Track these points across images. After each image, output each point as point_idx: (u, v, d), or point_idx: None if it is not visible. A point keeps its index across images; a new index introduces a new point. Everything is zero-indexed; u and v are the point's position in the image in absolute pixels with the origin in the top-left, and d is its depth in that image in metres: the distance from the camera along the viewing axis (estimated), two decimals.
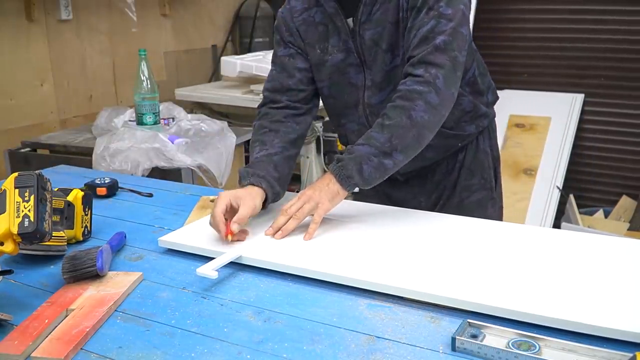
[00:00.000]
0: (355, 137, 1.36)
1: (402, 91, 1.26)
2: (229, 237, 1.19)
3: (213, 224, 1.21)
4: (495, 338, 0.86)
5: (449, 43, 1.25)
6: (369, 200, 1.55)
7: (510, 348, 0.83)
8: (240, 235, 1.22)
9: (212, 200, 1.52)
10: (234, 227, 1.19)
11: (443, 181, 1.53)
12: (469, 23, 1.32)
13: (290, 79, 1.45)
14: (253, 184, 1.30)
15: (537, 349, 0.83)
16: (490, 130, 1.56)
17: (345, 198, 1.31)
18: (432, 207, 1.52)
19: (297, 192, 1.36)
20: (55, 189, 1.25)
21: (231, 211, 1.23)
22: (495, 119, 1.60)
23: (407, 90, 1.25)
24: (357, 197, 1.67)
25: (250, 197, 1.26)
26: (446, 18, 1.26)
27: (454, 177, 1.53)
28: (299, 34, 1.43)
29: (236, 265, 1.14)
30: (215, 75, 3.75)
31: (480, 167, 1.53)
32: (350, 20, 1.36)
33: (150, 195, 1.61)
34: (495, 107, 1.59)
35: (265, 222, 1.29)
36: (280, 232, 1.22)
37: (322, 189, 1.25)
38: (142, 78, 2.27)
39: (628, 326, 0.86)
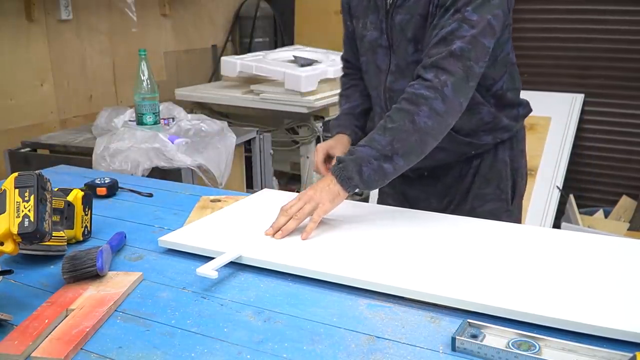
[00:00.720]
0: (378, 119, 1.46)
1: (409, 94, 1.25)
2: None
3: (318, 172, 1.48)
4: (495, 338, 0.86)
5: (466, 51, 1.22)
6: (387, 198, 1.58)
7: (510, 348, 0.83)
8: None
9: (212, 200, 1.52)
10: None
11: (455, 185, 1.50)
12: (494, 35, 1.27)
13: (352, 52, 1.58)
14: (340, 132, 1.54)
15: (537, 349, 0.83)
16: (514, 141, 1.51)
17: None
18: (443, 211, 1.46)
19: (298, 192, 1.36)
20: (55, 189, 1.25)
21: (328, 159, 1.47)
22: (525, 131, 1.57)
23: (414, 94, 1.24)
24: (379, 196, 1.69)
25: (340, 144, 1.50)
26: (469, 24, 1.23)
27: (467, 183, 1.49)
28: (349, 7, 1.50)
29: (236, 265, 1.14)
30: (215, 75, 3.75)
31: (497, 176, 1.48)
32: (389, 1, 1.36)
33: (150, 195, 1.61)
34: None
35: (265, 223, 1.29)
36: (280, 232, 1.22)
37: (323, 190, 1.25)
38: (142, 78, 2.27)
39: (628, 326, 0.86)
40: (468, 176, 1.49)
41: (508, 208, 1.50)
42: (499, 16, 1.26)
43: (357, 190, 1.28)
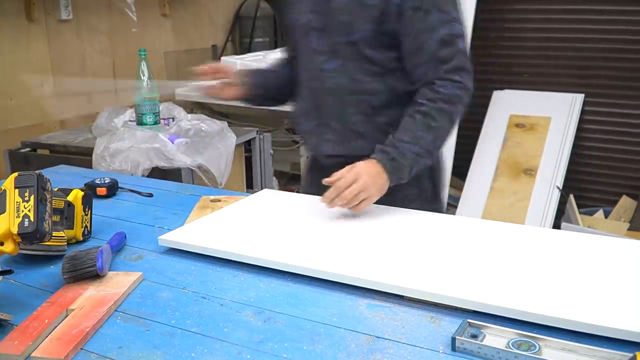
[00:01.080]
0: (303, 101, 1.57)
1: (443, 94, 1.35)
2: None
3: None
4: (495, 338, 0.86)
5: (466, 45, 1.38)
6: (309, 188, 1.61)
7: (510, 348, 0.83)
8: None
9: (212, 200, 1.52)
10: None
11: None
12: None
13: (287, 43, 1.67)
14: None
15: (537, 349, 0.83)
16: None
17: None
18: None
19: (298, 192, 1.36)
20: (55, 189, 1.25)
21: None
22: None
23: (450, 95, 1.35)
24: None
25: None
26: (457, 22, 1.36)
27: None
28: None
29: (236, 265, 1.14)
30: None
31: (415, 178, 1.45)
32: None
33: (150, 195, 1.61)
34: (495, 107, 1.60)
35: (265, 223, 1.29)
36: (330, 203, 1.29)
37: (375, 182, 1.30)
38: (142, 78, 2.27)
39: (628, 325, 0.86)
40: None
41: (433, 207, 1.52)
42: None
43: None
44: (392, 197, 1.47)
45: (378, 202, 1.46)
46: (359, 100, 1.46)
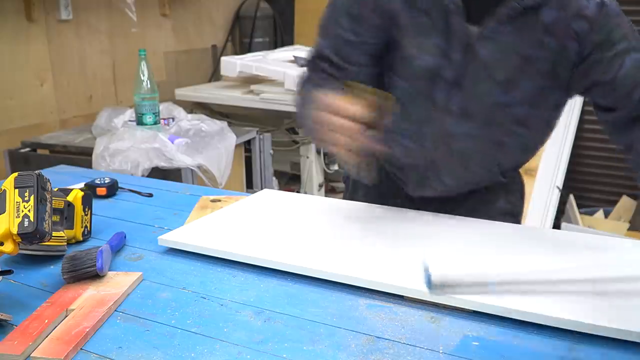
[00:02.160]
0: (403, 162, 1.27)
1: None
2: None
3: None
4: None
5: None
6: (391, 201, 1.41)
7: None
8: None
9: (212, 200, 1.52)
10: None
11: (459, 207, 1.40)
12: None
13: (351, 53, 1.21)
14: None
15: None
16: None
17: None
18: None
19: (298, 192, 1.36)
20: (55, 189, 1.25)
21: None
22: None
23: None
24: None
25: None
26: None
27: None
28: (389, 15, 1.16)
29: (236, 265, 1.14)
30: (215, 75, 3.75)
31: (511, 193, 1.42)
32: (474, 29, 1.12)
33: (150, 195, 1.61)
34: None
35: (265, 223, 1.29)
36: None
37: None
38: (142, 78, 2.27)
39: (628, 326, 0.86)
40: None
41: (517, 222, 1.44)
42: None
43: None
44: (485, 211, 1.38)
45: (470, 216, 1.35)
46: (488, 160, 1.27)
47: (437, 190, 1.35)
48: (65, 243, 1.21)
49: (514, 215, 1.42)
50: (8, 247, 0.97)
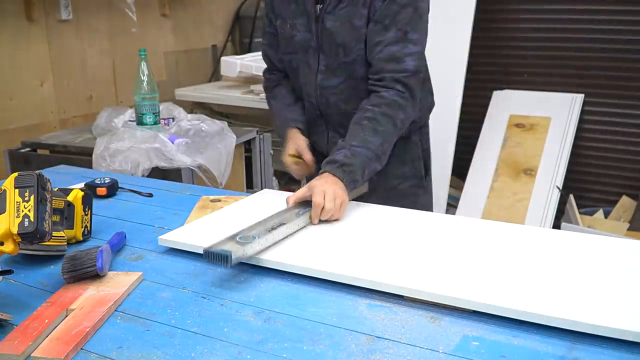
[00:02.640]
0: (309, 113, 1.63)
1: (388, 100, 1.43)
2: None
3: (289, 168, 1.61)
4: None
5: (417, 66, 1.45)
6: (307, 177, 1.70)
7: None
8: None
9: (212, 200, 1.52)
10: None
11: None
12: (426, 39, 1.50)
13: (274, 51, 1.68)
14: (293, 128, 1.62)
15: None
16: (423, 128, 1.70)
17: None
18: (369, 190, 1.55)
19: (296, 191, 1.36)
20: (55, 189, 1.25)
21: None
22: (432, 113, 1.73)
23: (392, 101, 1.43)
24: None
25: (301, 140, 1.60)
26: (412, 42, 1.44)
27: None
28: (272, 7, 1.60)
29: (236, 265, 1.14)
30: (215, 75, 3.75)
31: (410, 157, 1.66)
32: (318, 7, 1.50)
33: (150, 195, 1.61)
34: (495, 107, 1.63)
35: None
36: (317, 217, 1.29)
37: (337, 189, 1.31)
38: (142, 78, 2.27)
39: (628, 326, 0.86)
40: None
41: (422, 184, 1.70)
42: (427, 22, 1.48)
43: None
44: (388, 175, 1.62)
45: (377, 184, 1.60)
46: (358, 107, 1.51)
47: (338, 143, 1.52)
48: (65, 243, 1.22)
49: (416, 177, 1.69)
50: (8, 247, 0.97)
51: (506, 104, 3.47)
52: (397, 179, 1.66)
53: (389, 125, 1.42)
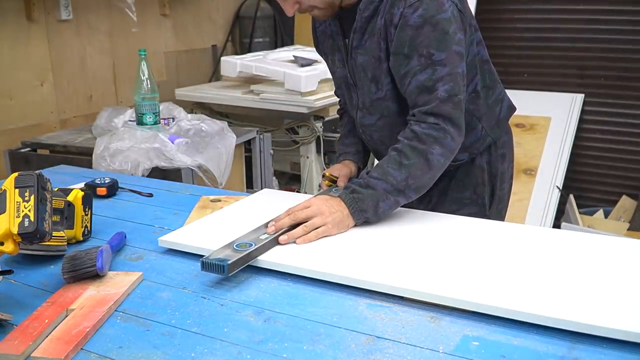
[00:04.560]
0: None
1: (417, 133, 1.29)
2: None
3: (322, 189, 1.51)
4: None
5: (450, 90, 1.27)
6: None
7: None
8: None
9: (212, 200, 1.52)
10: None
11: (432, 189, 1.46)
12: (463, 57, 1.31)
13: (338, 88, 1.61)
14: (346, 159, 1.58)
15: None
16: (492, 147, 1.51)
17: None
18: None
19: (298, 192, 1.36)
20: (55, 189, 1.25)
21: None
22: (511, 134, 1.57)
23: (424, 134, 1.28)
24: None
25: (346, 167, 1.55)
26: (440, 64, 1.27)
27: (443, 186, 1.50)
28: (317, 43, 1.56)
29: None
30: (215, 75, 3.75)
31: (473, 181, 1.50)
32: (347, 41, 1.41)
33: (150, 195, 1.61)
34: None
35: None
36: (285, 236, 1.20)
37: (334, 212, 1.24)
38: (142, 78, 2.27)
39: (628, 326, 0.86)
40: (444, 180, 1.48)
41: (485, 213, 1.51)
42: (461, 40, 1.30)
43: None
44: (447, 199, 1.51)
45: (435, 205, 1.53)
46: None
47: None
48: (66, 243, 1.22)
49: (478, 204, 1.52)
50: (8, 247, 0.97)
51: None
52: (456, 204, 1.51)
53: (417, 158, 1.27)
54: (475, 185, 1.50)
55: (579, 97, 3.41)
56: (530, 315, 0.91)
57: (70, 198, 1.27)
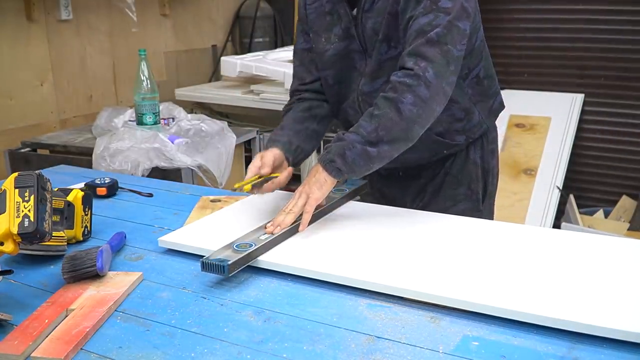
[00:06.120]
0: (353, 121, 1.37)
1: (393, 82, 1.25)
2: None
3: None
4: None
5: (443, 36, 1.23)
6: (366, 197, 1.56)
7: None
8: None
9: (212, 200, 1.52)
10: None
11: (427, 185, 1.52)
12: (470, 18, 1.28)
13: (309, 71, 1.50)
14: (272, 147, 1.42)
15: None
16: (484, 141, 1.51)
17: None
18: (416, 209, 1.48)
19: (295, 191, 1.36)
20: (55, 189, 1.25)
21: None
22: (497, 131, 1.57)
23: (397, 82, 1.24)
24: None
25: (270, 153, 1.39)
26: (444, 12, 1.24)
27: (438, 183, 1.51)
28: (307, 21, 1.47)
29: None
30: (215, 75, 3.75)
31: (467, 177, 1.50)
32: (354, 11, 1.37)
33: (150, 195, 1.61)
34: None
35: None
36: (278, 227, 1.22)
37: (309, 181, 1.27)
38: (142, 78, 2.27)
39: (628, 326, 0.86)
40: (439, 176, 1.50)
41: (479, 208, 1.51)
42: (471, 1, 1.29)
43: (345, 177, 1.27)
44: (441, 196, 1.51)
45: (428, 203, 1.51)
46: None
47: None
48: (65, 243, 1.22)
49: (472, 200, 1.51)
50: (8, 247, 0.97)
51: (506, 104, 3.46)
52: (450, 200, 1.50)
53: (388, 108, 1.22)
54: (470, 181, 1.50)
55: (579, 97, 3.41)
56: (530, 315, 0.91)
57: (70, 198, 1.27)
